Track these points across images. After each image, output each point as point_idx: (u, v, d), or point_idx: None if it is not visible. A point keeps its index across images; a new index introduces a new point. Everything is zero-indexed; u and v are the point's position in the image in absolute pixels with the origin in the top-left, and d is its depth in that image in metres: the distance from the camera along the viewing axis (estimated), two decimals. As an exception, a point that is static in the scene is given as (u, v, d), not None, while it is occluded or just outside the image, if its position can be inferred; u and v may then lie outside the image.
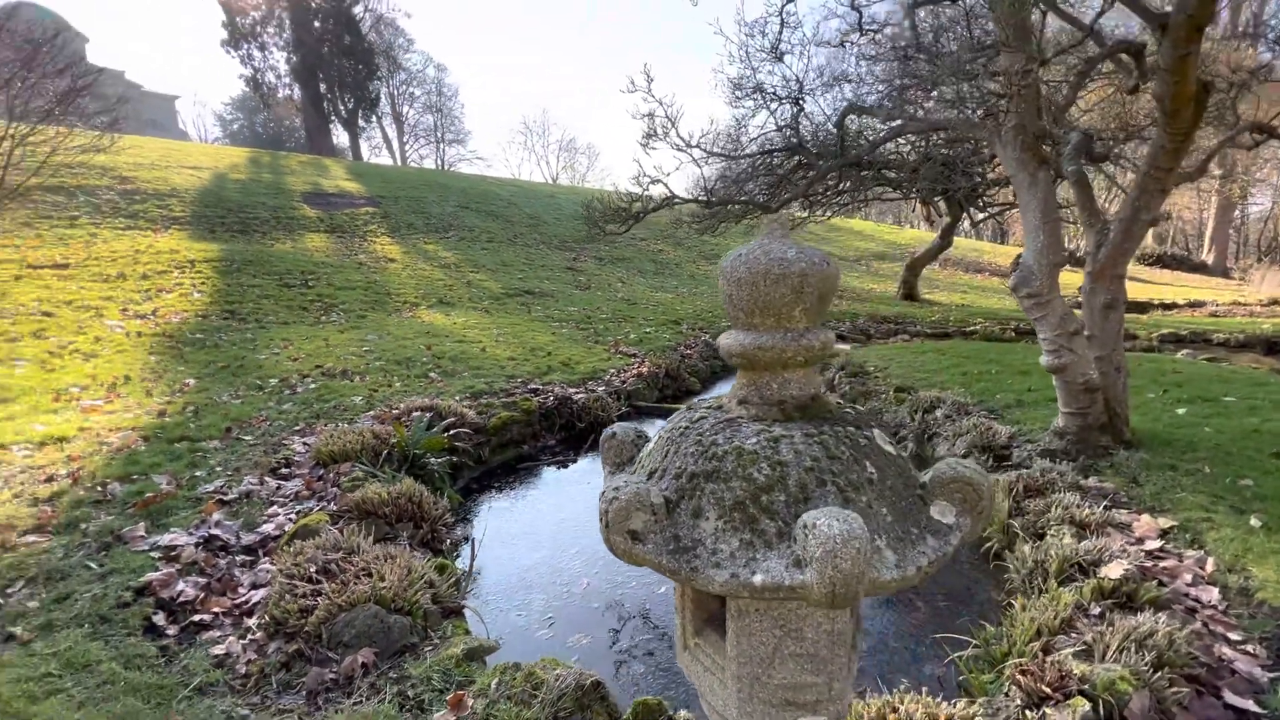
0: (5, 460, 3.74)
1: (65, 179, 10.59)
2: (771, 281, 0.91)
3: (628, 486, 0.86)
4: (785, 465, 0.86)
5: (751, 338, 0.95)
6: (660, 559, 0.85)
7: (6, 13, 7.30)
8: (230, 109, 33.28)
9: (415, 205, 15.94)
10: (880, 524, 0.84)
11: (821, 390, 1.02)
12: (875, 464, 0.90)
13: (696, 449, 0.93)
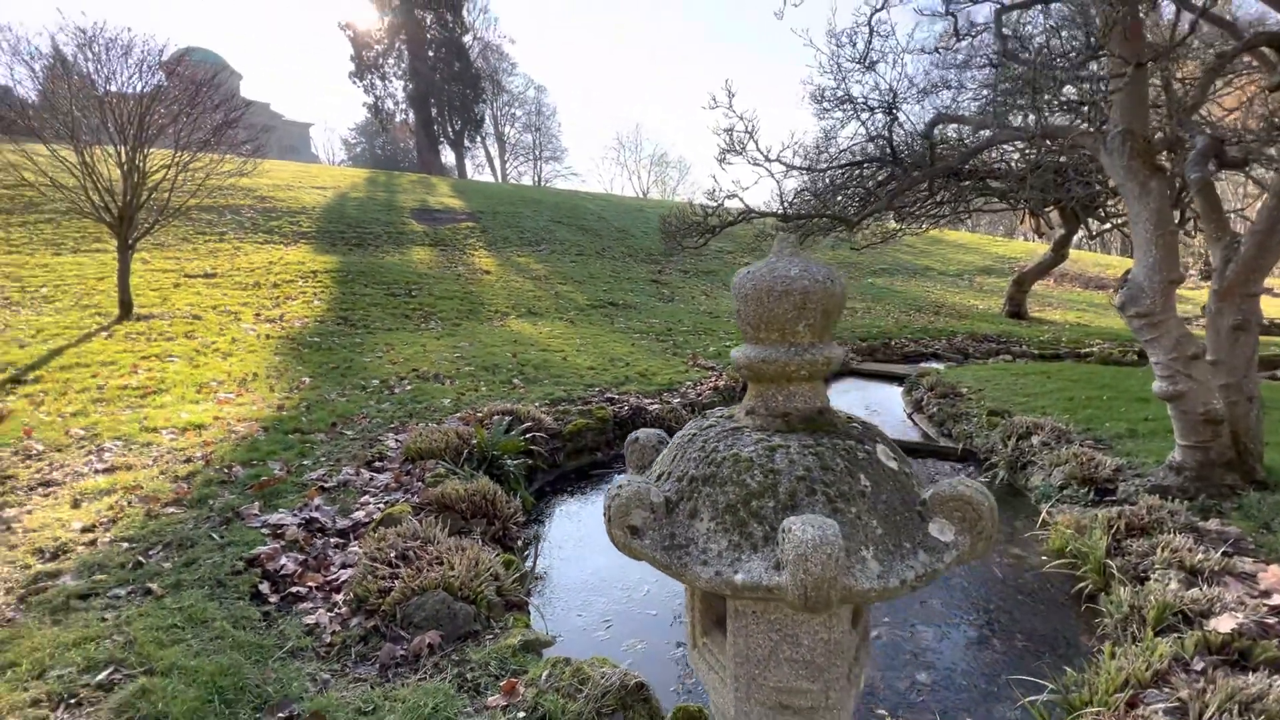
0: (156, 442, 4.36)
1: (217, 200, 12.11)
2: (775, 298, 0.96)
3: (630, 485, 0.93)
4: (778, 473, 0.90)
5: (757, 351, 1.00)
6: (655, 554, 0.91)
7: (176, 58, 8.44)
8: (354, 134, 36.70)
9: (511, 220, 16.79)
10: (868, 535, 0.86)
11: (827, 404, 1.05)
12: (871, 478, 0.92)
13: (699, 454, 0.99)
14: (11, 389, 5.18)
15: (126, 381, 5.57)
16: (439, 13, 25.82)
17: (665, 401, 6.57)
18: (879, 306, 14.03)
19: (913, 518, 0.92)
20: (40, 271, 9.01)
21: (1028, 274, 14.17)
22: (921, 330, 11.57)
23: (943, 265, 20.12)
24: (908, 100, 7.68)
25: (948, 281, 18.38)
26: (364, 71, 25.80)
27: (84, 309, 7.73)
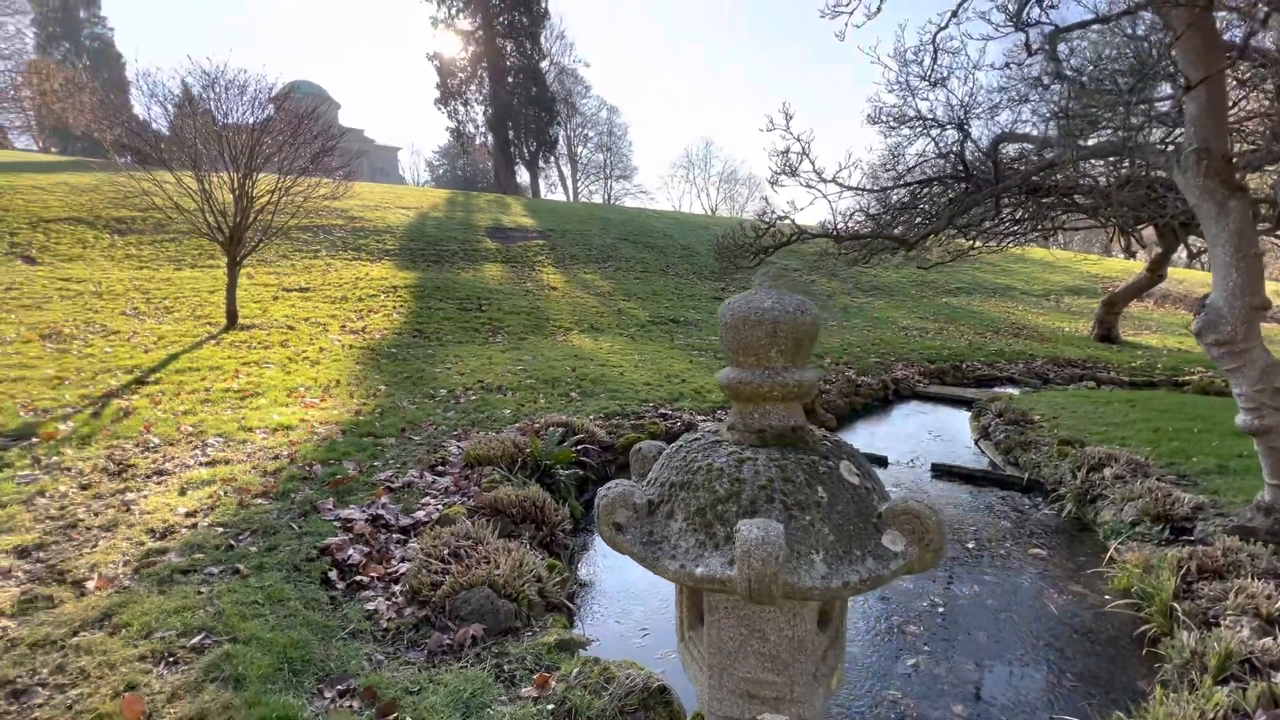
0: (251, 440, 4.86)
1: (313, 220, 13.21)
2: (750, 326, 1.07)
3: (616, 487, 1.07)
4: (743, 482, 1.01)
5: (736, 374, 1.11)
6: (634, 548, 1.04)
7: (283, 93, 9.35)
8: (438, 156, 38.99)
9: (580, 238, 17.33)
10: (819, 540, 0.95)
11: (803, 423, 1.15)
12: (828, 490, 1.01)
13: (680, 463, 1.11)
14: (136, 389, 5.89)
15: (229, 385, 6.21)
16: (518, 41, 27.16)
17: (718, 419, 6.64)
18: (952, 327, 13.50)
19: (867, 528, 1.01)
20: (164, 285, 10.14)
21: (1119, 295, 13.25)
22: (996, 353, 11.05)
23: (1026, 284, 19.10)
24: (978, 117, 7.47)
25: (1031, 302, 17.42)
26: (448, 98, 27.44)
27: (197, 319, 8.65)
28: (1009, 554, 4.21)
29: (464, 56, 27.40)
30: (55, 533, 3.22)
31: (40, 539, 3.15)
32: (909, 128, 7.85)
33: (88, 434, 4.69)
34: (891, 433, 7.27)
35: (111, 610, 2.56)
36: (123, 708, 2.00)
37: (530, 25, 27.34)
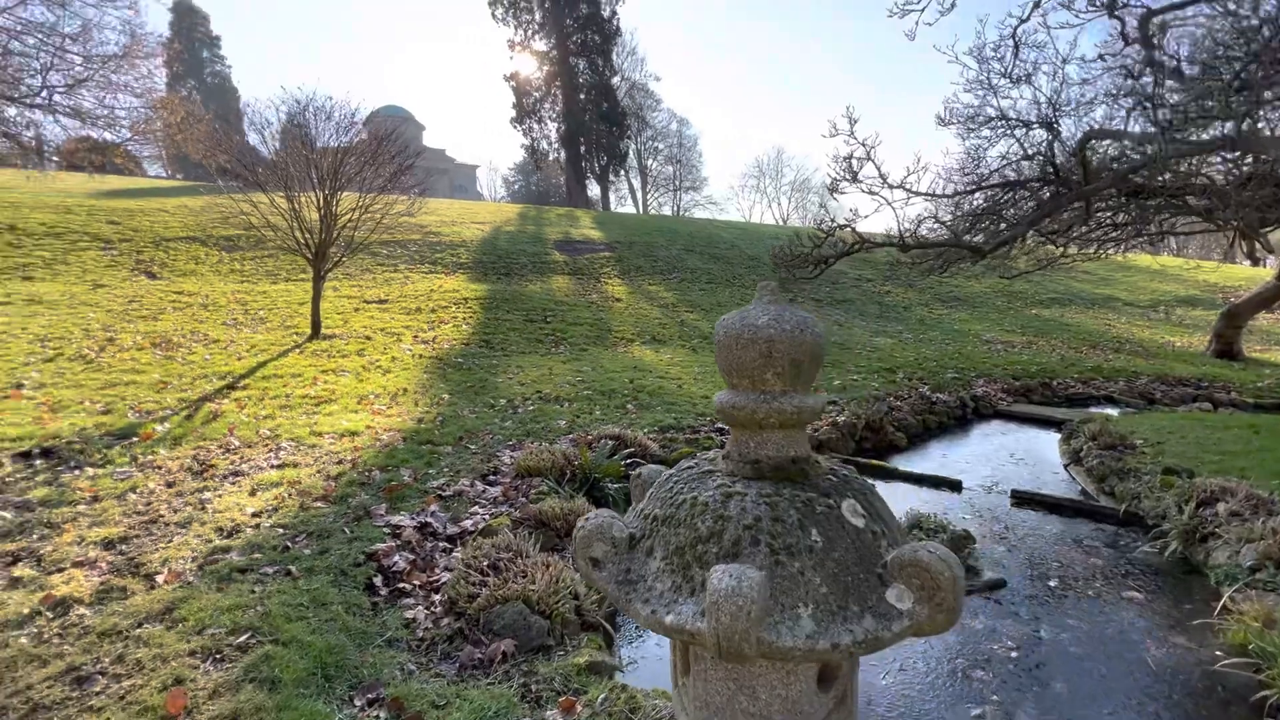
0: (319, 444, 5.11)
1: (395, 235, 13.95)
2: (743, 346, 0.97)
3: (594, 519, 0.99)
4: (727, 520, 0.90)
5: (730, 397, 1.01)
6: (609, 586, 0.95)
7: (366, 117, 9.93)
8: (513, 173, 40.44)
9: (646, 250, 17.40)
10: (809, 592, 0.83)
11: (806, 454, 1.02)
12: (825, 533, 0.89)
13: (665, 494, 1.02)
14: (227, 393, 6.35)
15: (307, 391, 6.58)
16: (590, 59, 27.80)
17: (777, 435, 6.40)
18: (1042, 341, 12.52)
19: (870, 579, 0.87)
20: (260, 297, 10.96)
21: (1243, 306, 11.86)
22: (1093, 369, 10.12)
23: (1130, 294, 17.49)
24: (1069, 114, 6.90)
25: (1136, 313, 15.92)
26: (523, 116, 28.43)
27: (287, 329, 9.27)
28: (1099, 595, 3.77)
29: (539, 76, 28.34)
30: (138, 527, 3.48)
31: (125, 532, 3.41)
32: (990, 128, 7.37)
33: (180, 435, 5.08)
34: (968, 454, 6.77)
35: (174, 604, 2.71)
36: (167, 701, 2.09)
37: (602, 43, 27.93)
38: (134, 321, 8.90)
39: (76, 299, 9.70)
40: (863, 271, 17.01)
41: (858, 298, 15.67)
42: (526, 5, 27.75)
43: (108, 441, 4.82)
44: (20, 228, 12.81)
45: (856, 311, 14.61)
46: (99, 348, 7.52)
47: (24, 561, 3.06)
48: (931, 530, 4.32)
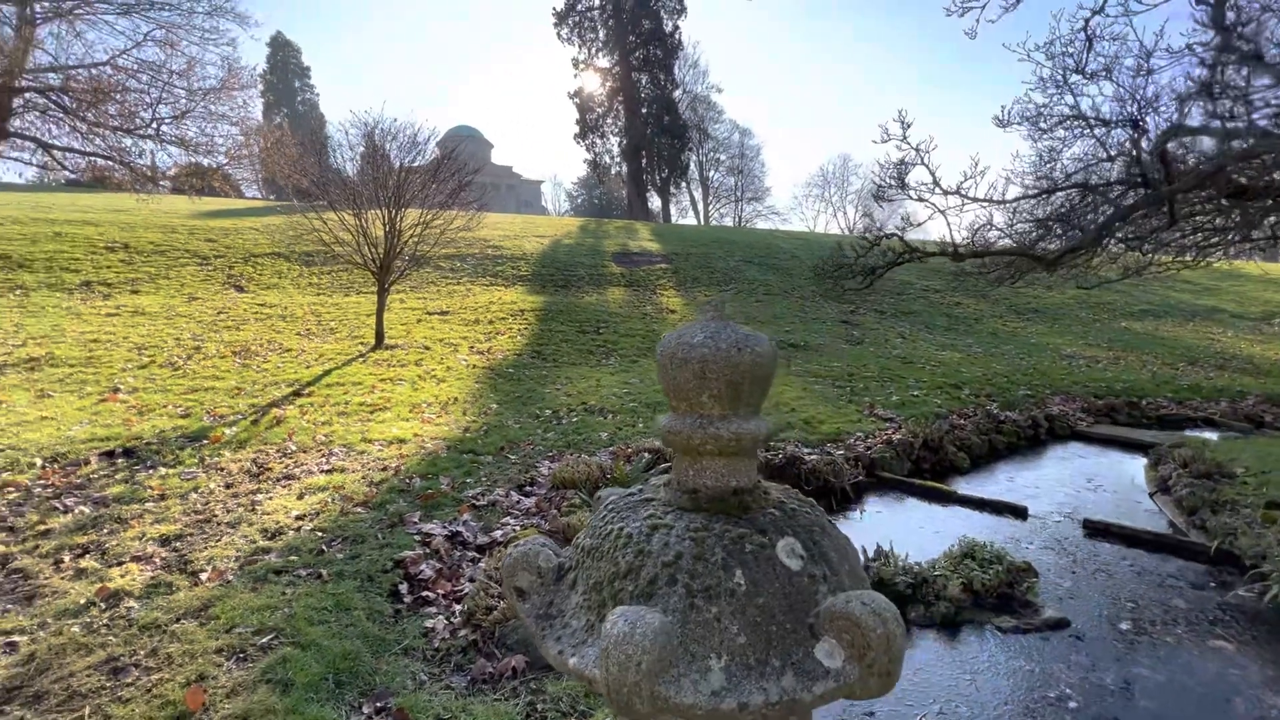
0: (369, 451, 5.31)
1: (457, 249, 14.47)
2: (677, 366, 0.90)
3: (523, 545, 0.94)
4: (647, 556, 0.83)
5: (668, 420, 0.94)
6: (529, 620, 0.90)
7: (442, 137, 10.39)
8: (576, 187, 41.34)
9: (703, 261, 17.30)
10: (724, 642, 0.74)
11: (750, 484, 0.93)
12: (751, 575, 0.79)
13: (599, 523, 0.96)
14: (293, 400, 6.72)
15: (365, 399, 6.88)
16: (652, 74, 28.10)
17: (827, 453, 6.15)
18: (1131, 356, 11.52)
19: (799, 630, 0.78)
20: (333, 309, 11.60)
21: (1377, 319, 10.49)
22: (1190, 388, 9.20)
23: (1238, 305, 15.86)
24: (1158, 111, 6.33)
25: (1244, 326, 14.41)
26: (586, 132, 29.02)
27: (353, 339, 9.75)
28: (1179, 642, 3.37)
29: (601, 92, 28.89)
30: (193, 526, 3.70)
31: (181, 530, 3.63)
32: (1065, 128, 6.86)
33: (244, 439, 5.40)
34: (1038, 478, 6.27)
35: (211, 601, 2.85)
36: (187, 697, 2.19)
37: (664, 58, 28.19)
38: (220, 331, 9.60)
39: (173, 310, 10.57)
40: (930, 282, 16.25)
41: (924, 309, 14.97)
42: (591, 24, 28.41)
43: (181, 443, 5.18)
44: (133, 246, 14.13)
45: (922, 323, 13.95)
46: (187, 355, 8.15)
47: (91, 554, 3.31)
48: (986, 560, 4.00)
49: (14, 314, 9.31)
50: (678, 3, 28.15)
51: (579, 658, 0.80)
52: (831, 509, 5.50)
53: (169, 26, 13.91)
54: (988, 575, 3.87)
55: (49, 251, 12.74)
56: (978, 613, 3.66)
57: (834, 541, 0.92)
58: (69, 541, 3.44)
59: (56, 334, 8.51)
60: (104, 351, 7.92)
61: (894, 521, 5.28)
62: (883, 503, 5.74)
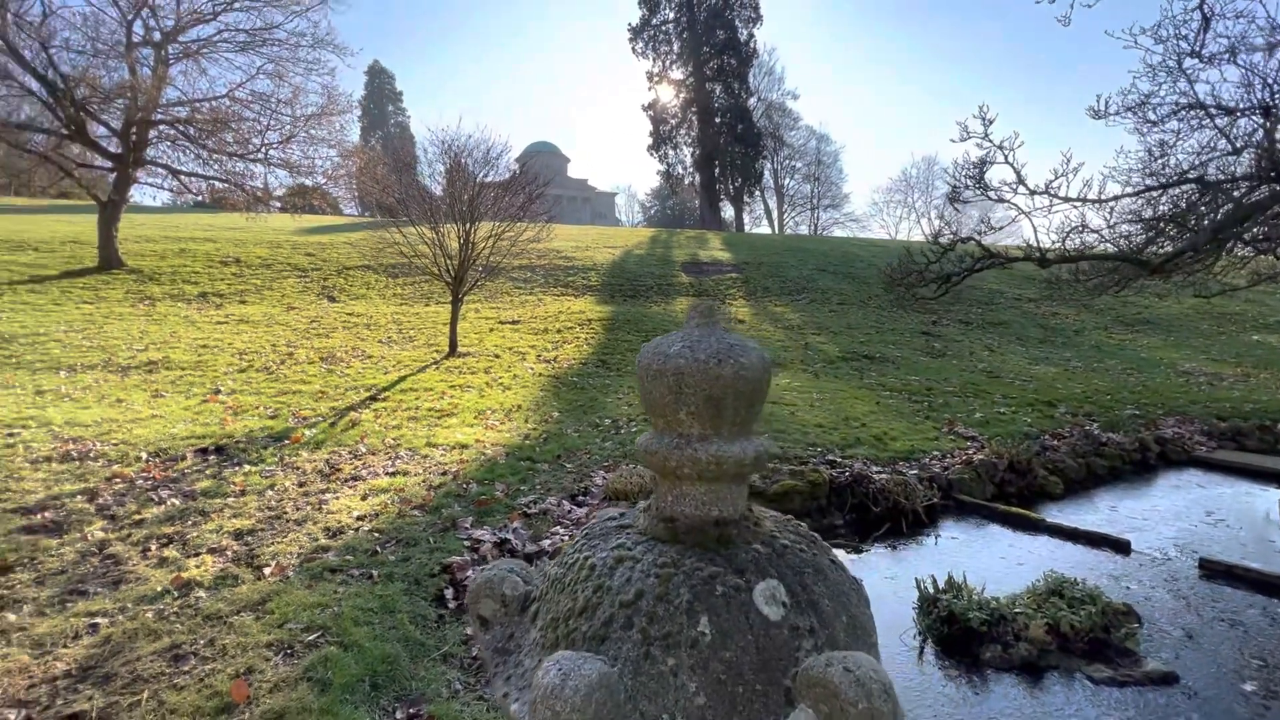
0: (432, 455, 5.47)
1: (528, 260, 14.86)
2: (652, 378, 0.80)
3: (489, 570, 0.87)
4: (606, 592, 0.73)
5: (646, 439, 0.84)
6: (486, 653, 0.82)
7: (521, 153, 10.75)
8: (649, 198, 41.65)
9: (775, 270, 16.92)
10: (680, 702, 0.63)
11: (735, 514, 0.82)
12: (720, 624, 0.68)
13: (570, 549, 0.87)
14: (369, 404, 7.06)
15: (434, 405, 7.12)
16: (726, 83, 27.93)
17: (898, 472, 5.77)
18: (1264, 374, 10.18)
19: (772, 693, 0.65)
20: (414, 318, 12.17)
21: None
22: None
23: (1407, 317, 13.76)
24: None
25: None
26: (660, 143, 29.21)
27: (428, 347, 10.17)
28: (1320, 713, 2.86)
29: (675, 103, 29.01)
30: (265, 522, 3.92)
31: (254, 525, 3.85)
32: (1177, 119, 6.17)
33: (321, 440, 5.71)
34: (1146, 508, 5.61)
35: (269, 596, 2.98)
36: (233, 689, 2.28)
37: (739, 66, 27.96)
38: (311, 339, 10.28)
39: (273, 319, 11.43)
40: (1023, 290, 15.12)
41: (1016, 319, 13.93)
42: (665, 36, 28.64)
43: (266, 442, 5.53)
44: (243, 260, 15.44)
45: (1014, 335, 12.97)
46: (280, 361, 8.75)
47: (174, 544, 3.56)
48: (1076, 599, 3.58)
49: (141, 322, 10.36)
50: (753, 11, 27.90)
51: (520, 704, 0.72)
52: (901, 533, 5.14)
53: (278, 60, 15.19)
54: (1078, 616, 3.46)
55: (174, 266, 14.14)
56: (1065, 659, 3.27)
57: (831, 587, 0.79)
58: (157, 531, 3.72)
59: (174, 340, 9.38)
60: (211, 356, 8.64)
61: (971, 550, 4.86)
62: (960, 528, 5.31)
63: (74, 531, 3.66)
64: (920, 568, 4.45)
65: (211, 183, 15.89)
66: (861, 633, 0.77)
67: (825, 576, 0.80)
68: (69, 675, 2.38)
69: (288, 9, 15.09)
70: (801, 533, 0.88)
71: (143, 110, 13.55)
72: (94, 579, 3.15)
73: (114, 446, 5.13)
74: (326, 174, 17.16)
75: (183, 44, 14.65)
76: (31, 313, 10.29)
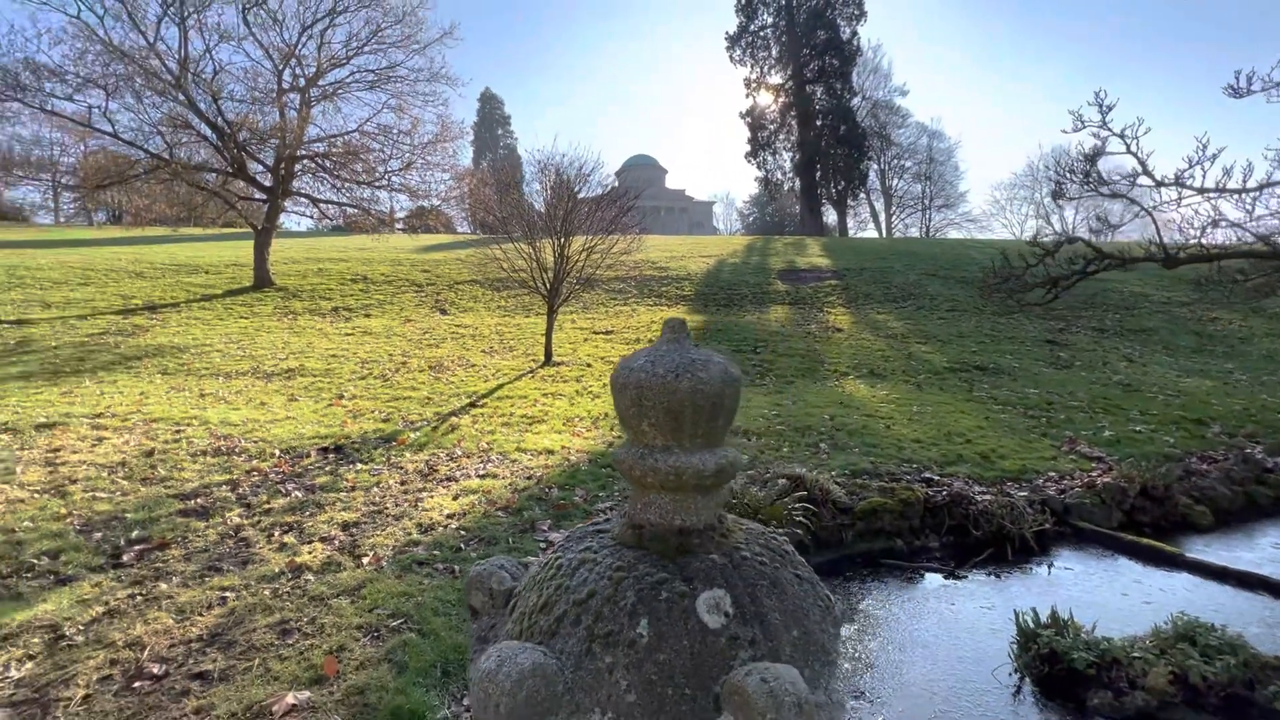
0: (519, 459, 5.75)
1: (621, 272, 15.20)
2: (618, 391, 0.83)
3: (481, 565, 0.95)
4: (564, 591, 0.77)
5: (619, 450, 0.88)
6: (473, 641, 0.89)
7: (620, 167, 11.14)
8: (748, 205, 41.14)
9: (878, 276, 16.16)
10: (612, 698, 0.66)
11: (700, 524, 0.83)
12: (658, 627, 0.69)
13: (552, 551, 0.92)
14: (468, 410, 7.54)
15: (527, 411, 7.48)
16: (828, 84, 27.11)
17: (1004, 493, 5.32)
18: None
19: (701, 699, 0.66)
20: (514, 329, 12.85)
21: None
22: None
23: None
24: None
25: None
26: (758, 150, 28.85)
27: (527, 356, 10.70)
28: None
29: (774, 108, 28.55)
30: (368, 516, 4.32)
31: (358, 519, 4.26)
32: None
33: (424, 443, 6.18)
34: (1321, 549, 4.77)
35: (364, 583, 3.29)
36: (325, 664, 2.54)
37: (841, 66, 27.06)
38: (423, 349, 11.14)
39: (391, 330, 12.52)
40: (1173, 293, 13.38)
41: (1164, 325, 12.36)
42: (764, 42, 28.32)
43: (376, 444, 6.08)
44: (369, 277, 17.01)
45: (1160, 343, 11.50)
46: (395, 369, 9.57)
47: (292, 532, 4.02)
48: (1213, 648, 3.12)
49: (283, 334, 11.73)
50: (856, 8, 26.91)
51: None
52: (1005, 559, 4.72)
53: (400, 95, 16.69)
54: (1213, 667, 3.01)
55: (313, 284, 15.87)
56: (1192, 714, 2.87)
57: (786, 602, 0.78)
58: (281, 520, 4.21)
59: (309, 350, 10.54)
60: (338, 365, 9.62)
61: (1089, 583, 4.38)
62: (1077, 558, 4.79)
63: (217, 516, 4.23)
64: (1025, 599, 4.08)
65: (344, 208, 17.69)
66: (816, 649, 0.75)
67: (782, 591, 0.79)
68: (200, 639, 2.77)
69: (409, 48, 16.55)
70: (772, 546, 0.87)
71: (290, 147, 15.40)
72: (228, 558, 3.62)
73: (255, 443, 5.85)
74: (441, 196, 18.54)
75: (322, 87, 16.47)
76: (200, 326, 11.97)
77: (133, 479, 4.80)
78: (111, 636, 2.75)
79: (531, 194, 11.28)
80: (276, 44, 15.58)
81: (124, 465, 5.07)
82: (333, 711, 2.30)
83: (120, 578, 3.30)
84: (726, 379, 0.84)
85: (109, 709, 2.32)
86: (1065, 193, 4.02)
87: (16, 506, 4.15)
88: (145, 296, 13.91)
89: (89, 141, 14.93)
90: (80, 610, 2.95)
